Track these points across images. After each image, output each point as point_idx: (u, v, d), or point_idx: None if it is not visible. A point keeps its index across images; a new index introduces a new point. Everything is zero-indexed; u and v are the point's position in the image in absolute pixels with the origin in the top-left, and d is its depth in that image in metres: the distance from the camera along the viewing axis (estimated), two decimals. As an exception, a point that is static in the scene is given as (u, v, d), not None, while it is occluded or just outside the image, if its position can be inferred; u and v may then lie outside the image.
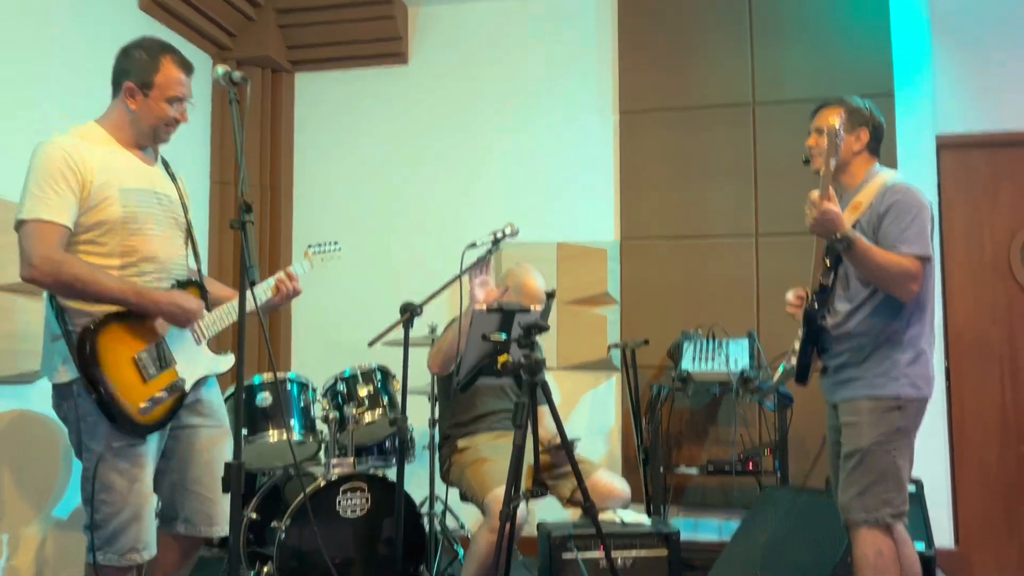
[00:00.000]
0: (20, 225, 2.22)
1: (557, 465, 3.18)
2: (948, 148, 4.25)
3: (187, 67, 2.44)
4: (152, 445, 2.35)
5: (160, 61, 2.37)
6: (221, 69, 2.21)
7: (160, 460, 2.42)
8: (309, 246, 2.85)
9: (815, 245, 2.55)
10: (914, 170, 4.08)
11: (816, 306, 2.54)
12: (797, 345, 2.63)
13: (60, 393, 2.31)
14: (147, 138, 2.42)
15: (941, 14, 4.25)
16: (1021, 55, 4.18)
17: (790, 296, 2.68)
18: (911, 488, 3.69)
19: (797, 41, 4.32)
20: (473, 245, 2.90)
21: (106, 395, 2.19)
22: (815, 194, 2.37)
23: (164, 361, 2.33)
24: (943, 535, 3.91)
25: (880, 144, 2.65)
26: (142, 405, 2.25)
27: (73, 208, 2.23)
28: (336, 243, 2.90)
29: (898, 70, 4.18)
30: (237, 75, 2.20)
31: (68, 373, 2.24)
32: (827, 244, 2.48)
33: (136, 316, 2.29)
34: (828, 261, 2.53)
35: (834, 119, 2.39)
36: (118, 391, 2.21)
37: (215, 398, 2.54)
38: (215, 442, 2.47)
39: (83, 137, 2.32)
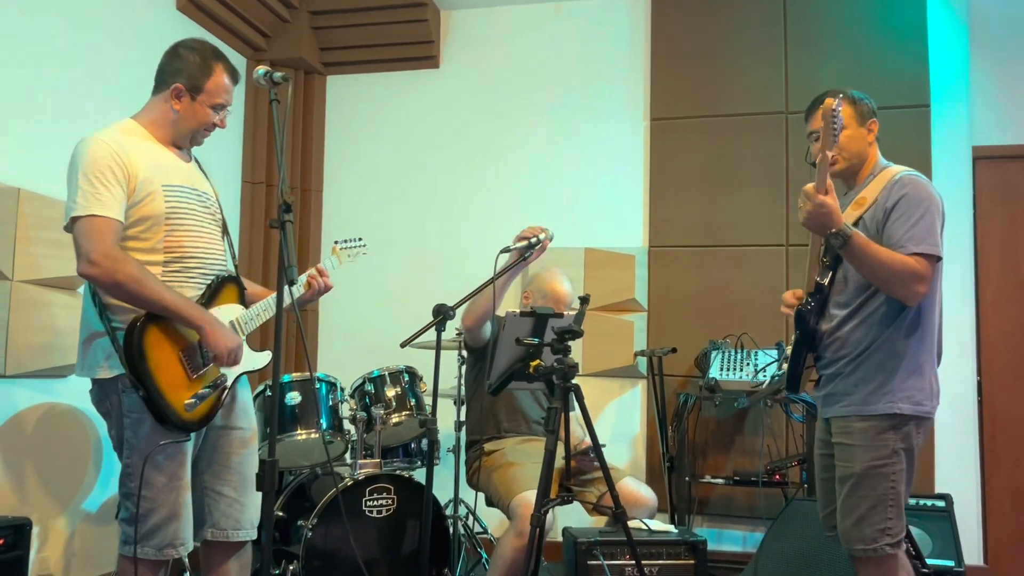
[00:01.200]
0: (74, 222, 2.20)
1: (584, 471, 3.17)
2: (984, 160, 4.20)
3: (236, 76, 2.46)
4: (190, 444, 2.36)
5: (213, 67, 2.39)
6: (262, 69, 2.22)
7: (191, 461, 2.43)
8: (336, 242, 2.90)
9: (812, 241, 2.40)
10: (949, 182, 4.04)
11: (810, 305, 2.37)
12: (790, 350, 2.46)
13: (102, 388, 2.32)
14: (184, 140, 2.44)
15: (980, 25, 4.21)
16: (1060, 68, 4.13)
17: (787, 295, 2.52)
18: (940, 503, 3.69)
19: (832, 50, 4.29)
20: (506, 250, 2.89)
21: (153, 392, 2.20)
22: (810, 186, 2.20)
23: (206, 357, 2.34)
24: (972, 552, 3.85)
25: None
26: (187, 401, 2.26)
27: (123, 202, 2.23)
28: (361, 239, 2.96)
29: (935, 81, 4.14)
30: (278, 75, 2.21)
31: (111, 369, 2.25)
32: (824, 241, 2.30)
33: None
34: (826, 259, 2.35)
35: (830, 102, 2.20)
36: (164, 388, 2.22)
37: (246, 397, 2.55)
38: (244, 445, 2.48)
39: (124, 132, 2.33)
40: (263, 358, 2.54)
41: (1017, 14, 4.20)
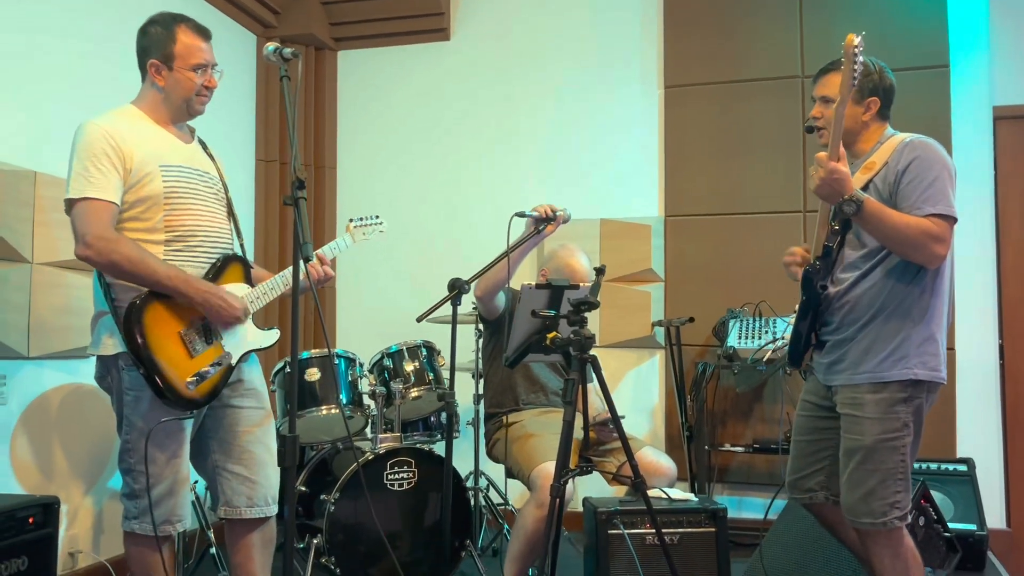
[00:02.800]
0: (70, 205, 2.26)
1: (603, 442, 3.18)
2: (1005, 120, 4.13)
3: (203, 32, 2.43)
4: (190, 422, 2.38)
5: (174, 31, 2.38)
6: (272, 46, 2.21)
7: (201, 440, 2.46)
8: (351, 220, 2.81)
9: (820, 206, 2.36)
10: (970, 142, 3.99)
11: (817, 267, 2.31)
12: (794, 319, 2.40)
13: (104, 365, 2.36)
14: (182, 112, 2.44)
15: (1000, -18, 4.12)
16: (1084, 23, 4.04)
17: (794, 248, 2.48)
18: (962, 467, 3.67)
19: (848, 12, 4.21)
20: (521, 215, 2.88)
21: (153, 370, 2.22)
22: (823, 155, 2.17)
23: (210, 336, 2.36)
24: (995, 516, 3.85)
25: (890, 107, 2.41)
26: (189, 380, 2.28)
27: (118, 185, 2.26)
28: (378, 217, 2.84)
29: (954, 40, 4.07)
30: (288, 51, 2.20)
31: (113, 346, 2.28)
32: (833, 208, 2.25)
33: None
34: (835, 224, 2.31)
35: (853, 37, 2.14)
36: (165, 366, 2.25)
37: (256, 376, 2.55)
38: (256, 423, 2.48)
39: (120, 116, 2.36)
40: (271, 336, 2.54)
41: (1039, -31, 4.11)
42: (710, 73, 4.39)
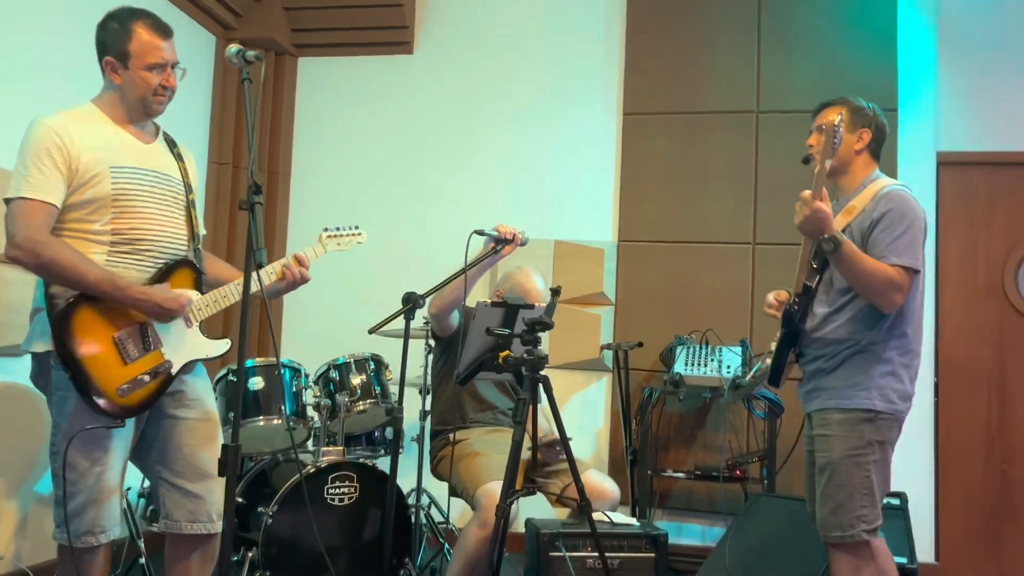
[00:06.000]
0: (7, 204, 2.19)
1: (548, 463, 3.17)
2: (948, 165, 4.28)
3: (163, 30, 2.34)
4: (127, 430, 2.28)
5: (131, 28, 2.29)
6: (235, 48, 2.17)
7: (142, 451, 2.37)
8: (325, 229, 2.67)
9: (802, 246, 2.50)
10: (914, 185, 4.03)
11: (797, 306, 2.49)
12: (774, 346, 2.59)
13: (38, 363, 2.28)
14: (138, 112, 2.36)
15: (948, 33, 4.28)
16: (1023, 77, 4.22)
17: (770, 297, 2.63)
18: (895, 501, 3.76)
19: (804, 52, 4.33)
20: (481, 233, 2.87)
21: (79, 373, 2.14)
22: (808, 193, 2.32)
23: (148, 343, 2.27)
24: (925, 550, 3.93)
25: (881, 147, 2.59)
26: (121, 387, 2.19)
27: (60, 186, 2.18)
28: (357, 228, 2.70)
29: (903, 86, 4.21)
30: (251, 54, 2.16)
31: (44, 344, 2.20)
32: (814, 246, 2.42)
33: None
34: (815, 263, 2.47)
35: (834, 116, 2.35)
36: (93, 371, 2.16)
37: (201, 387, 2.46)
38: (198, 436, 2.38)
39: (75, 117, 2.28)
40: (220, 346, 2.44)
41: (985, 24, 4.27)
42: (668, 103, 4.46)
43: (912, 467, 4.03)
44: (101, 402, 2.17)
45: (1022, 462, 4.12)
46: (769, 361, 2.60)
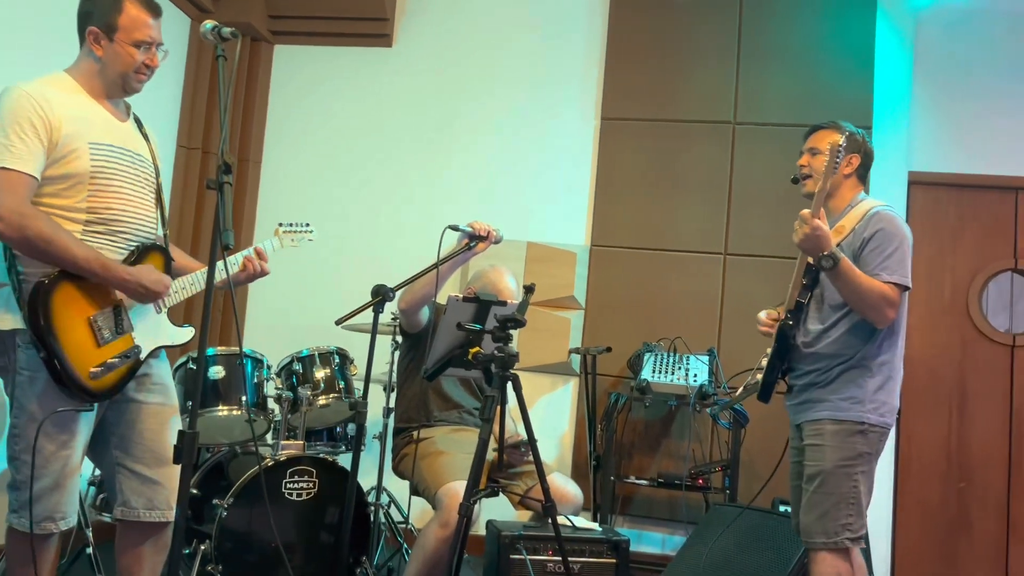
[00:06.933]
0: None
1: (513, 464, 3.13)
2: (919, 185, 4.33)
3: (153, 8, 2.28)
4: (91, 415, 2.22)
5: (122, 1, 2.23)
6: (210, 23, 2.10)
7: (102, 434, 2.30)
8: (280, 224, 2.71)
9: (797, 263, 2.56)
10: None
11: (791, 323, 2.56)
12: (764, 362, 2.64)
13: (1, 341, 2.18)
14: (117, 88, 2.29)
15: (924, 56, 4.35)
16: (995, 103, 4.29)
17: (763, 316, 2.70)
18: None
19: (783, 67, 4.36)
20: (454, 228, 2.83)
21: (55, 354, 2.07)
22: (807, 212, 2.40)
23: (121, 326, 2.22)
24: (882, 567, 3.96)
25: (868, 172, 2.70)
26: (93, 369, 2.14)
27: (40, 158, 2.10)
28: (308, 225, 2.77)
29: (878, 105, 4.25)
30: (227, 31, 2.09)
31: (12, 321, 2.12)
32: (807, 263, 2.49)
33: None
34: (805, 280, 2.55)
35: (837, 137, 2.47)
36: (68, 352, 2.10)
37: (164, 373, 2.41)
38: (160, 420, 2.33)
39: (51, 85, 2.19)
40: (185, 333, 2.42)
41: (959, 48, 4.34)
42: (647, 110, 4.46)
43: (874, 488, 4.05)
44: (73, 385, 2.10)
45: (980, 480, 4.17)
46: (760, 377, 2.64)
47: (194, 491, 3.18)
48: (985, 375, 4.23)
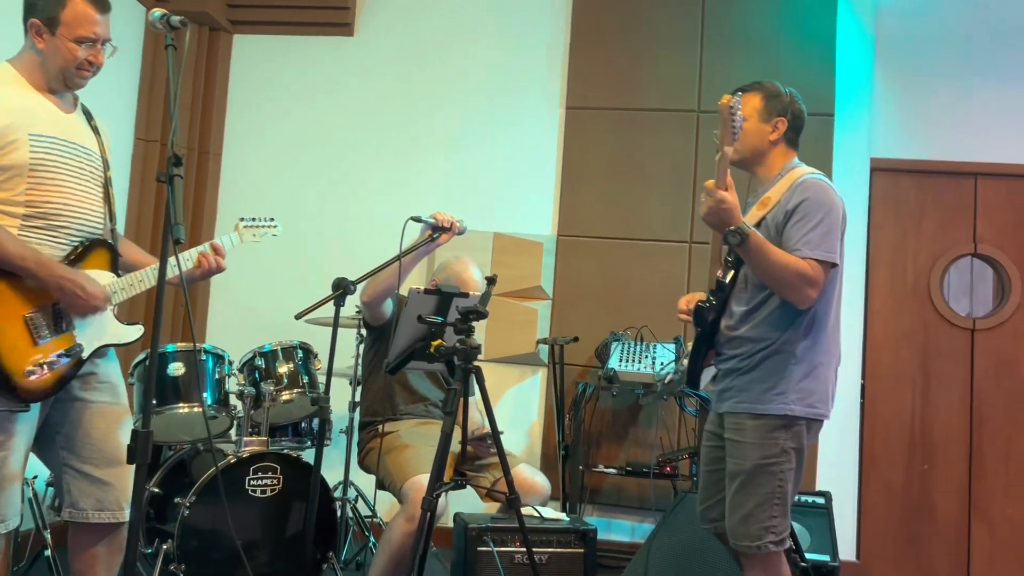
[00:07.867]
0: None
1: (479, 457, 3.12)
2: (881, 172, 4.36)
3: (100, 4, 2.20)
4: (32, 414, 2.15)
5: None
6: (158, 12, 2.05)
7: (47, 434, 2.24)
8: (241, 219, 2.62)
9: (712, 239, 2.40)
10: (847, 191, 4.13)
11: (710, 303, 2.37)
12: (691, 347, 2.47)
13: None
14: (58, 82, 2.22)
15: (885, 43, 4.38)
16: (956, 90, 4.34)
17: (681, 303, 2.51)
18: (819, 500, 3.82)
19: (745, 54, 4.36)
20: (417, 219, 2.80)
21: None
22: (711, 182, 2.19)
23: (60, 323, 2.15)
24: (847, 548, 4.01)
25: (799, 135, 2.46)
26: (28, 368, 2.07)
27: None
28: (273, 220, 2.66)
29: (840, 92, 4.27)
30: (176, 19, 2.04)
31: None
32: (722, 238, 2.25)
33: None
34: (730, 258, 2.35)
35: (728, 99, 2.18)
36: (1, 351, 2.04)
37: (112, 371, 2.34)
38: (109, 420, 2.27)
39: None
40: (133, 332, 2.34)
41: (920, 34, 4.38)
42: (611, 99, 4.44)
43: (837, 467, 4.10)
44: (6, 385, 2.04)
45: (942, 463, 4.23)
46: (685, 363, 2.50)
47: (156, 489, 3.13)
48: (947, 359, 4.28)
